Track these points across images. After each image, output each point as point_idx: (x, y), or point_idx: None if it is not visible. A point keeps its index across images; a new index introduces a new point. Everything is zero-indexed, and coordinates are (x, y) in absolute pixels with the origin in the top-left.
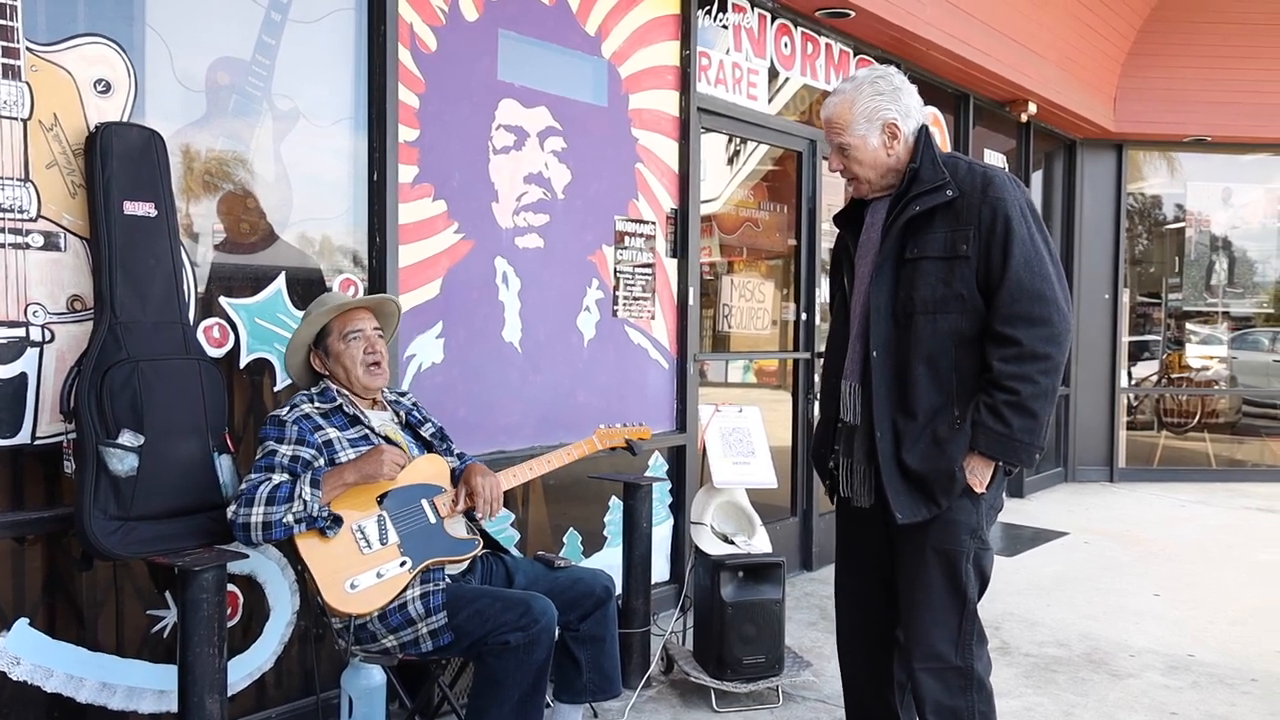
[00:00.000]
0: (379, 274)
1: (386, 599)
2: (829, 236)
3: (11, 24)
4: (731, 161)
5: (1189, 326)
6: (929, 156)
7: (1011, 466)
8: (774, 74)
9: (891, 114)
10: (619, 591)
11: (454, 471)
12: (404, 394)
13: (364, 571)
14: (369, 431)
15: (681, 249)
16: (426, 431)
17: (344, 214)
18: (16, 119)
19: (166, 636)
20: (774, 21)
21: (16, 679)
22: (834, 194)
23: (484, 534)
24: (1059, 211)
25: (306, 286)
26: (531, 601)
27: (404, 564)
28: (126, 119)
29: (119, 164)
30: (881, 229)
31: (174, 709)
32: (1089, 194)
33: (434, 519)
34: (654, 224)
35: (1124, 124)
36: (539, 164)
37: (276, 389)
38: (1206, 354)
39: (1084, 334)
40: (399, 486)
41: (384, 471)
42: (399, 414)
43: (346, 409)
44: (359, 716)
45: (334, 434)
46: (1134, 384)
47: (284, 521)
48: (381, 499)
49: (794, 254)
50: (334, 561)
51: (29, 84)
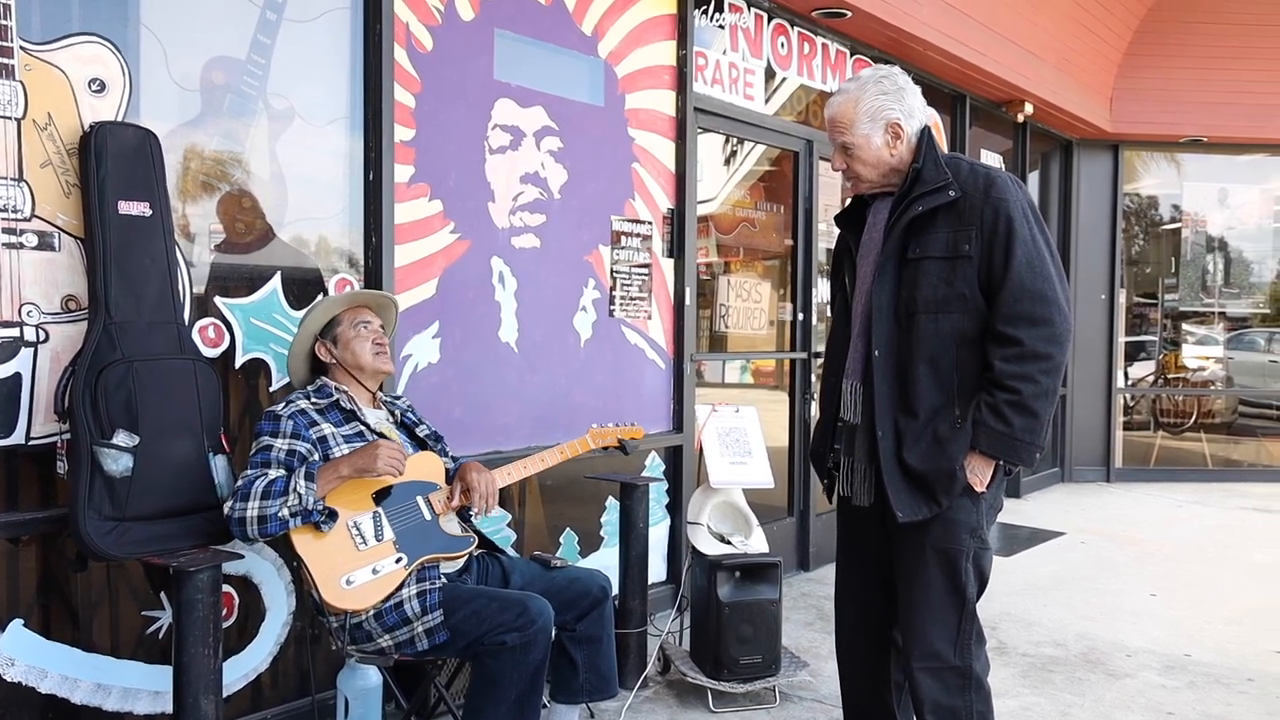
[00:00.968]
0: (375, 274)
1: (382, 595)
2: (826, 237)
3: (5, 23)
4: (728, 162)
5: (1185, 327)
6: (931, 157)
7: (1012, 466)
8: (770, 74)
9: (895, 114)
10: (615, 592)
11: (449, 472)
12: (399, 397)
13: (360, 568)
14: (364, 428)
15: (678, 249)
16: (421, 432)
17: (339, 214)
18: (10, 118)
19: (162, 637)
20: (770, 21)
21: (11, 680)
22: (831, 194)
23: (479, 534)
24: (1055, 212)
25: (302, 286)
26: (528, 602)
27: (400, 560)
28: (121, 118)
29: (114, 163)
30: (884, 229)
31: (169, 710)
32: (1085, 194)
33: (429, 516)
34: (650, 224)
35: (1120, 124)
36: (535, 164)
37: (272, 389)
38: (1203, 354)
39: (1081, 334)
40: (394, 483)
41: (379, 466)
42: (394, 414)
43: (344, 404)
44: (355, 717)
45: (329, 429)
46: (1130, 384)
47: (279, 516)
48: (377, 496)
49: (791, 254)
50: (330, 558)
51: (23, 83)
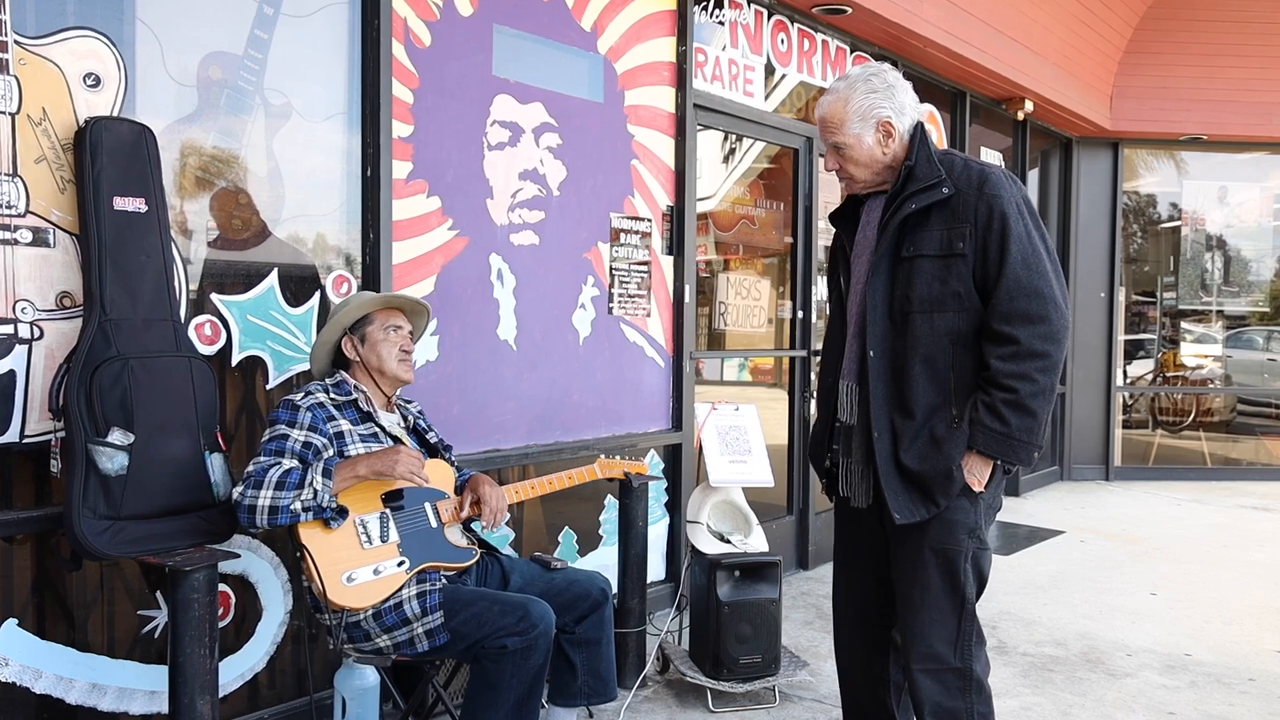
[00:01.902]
0: (373, 271)
1: (381, 596)
2: (826, 234)
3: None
4: (728, 159)
5: (1184, 325)
6: (924, 153)
7: (1010, 465)
8: (770, 71)
9: (886, 112)
10: (614, 591)
11: (457, 482)
12: (410, 402)
13: (362, 566)
14: (379, 430)
15: (677, 246)
16: (432, 439)
17: (337, 210)
18: (4, 113)
19: (158, 637)
20: (770, 18)
21: (5, 680)
22: (830, 192)
23: (482, 542)
24: (1055, 210)
25: (299, 284)
26: (530, 606)
27: (402, 564)
28: (117, 113)
29: (109, 159)
30: (877, 227)
31: (165, 710)
32: (1085, 192)
33: (435, 523)
34: (650, 221)
35: (1120, 122)
36: (534, 160)
37: (269, 387)
38: (1202, 353)
39: (1080, 333)
40: (404, 487)
41: (398, 470)
42: (406, 418)
43: (361, 405)
44: (352, 717)
45: (346, 426)
46: (1129, 383)
47: (291, 508)
48: (387, 498)
49: (790, 252)
50: (334, 553)
51: (17, 77)
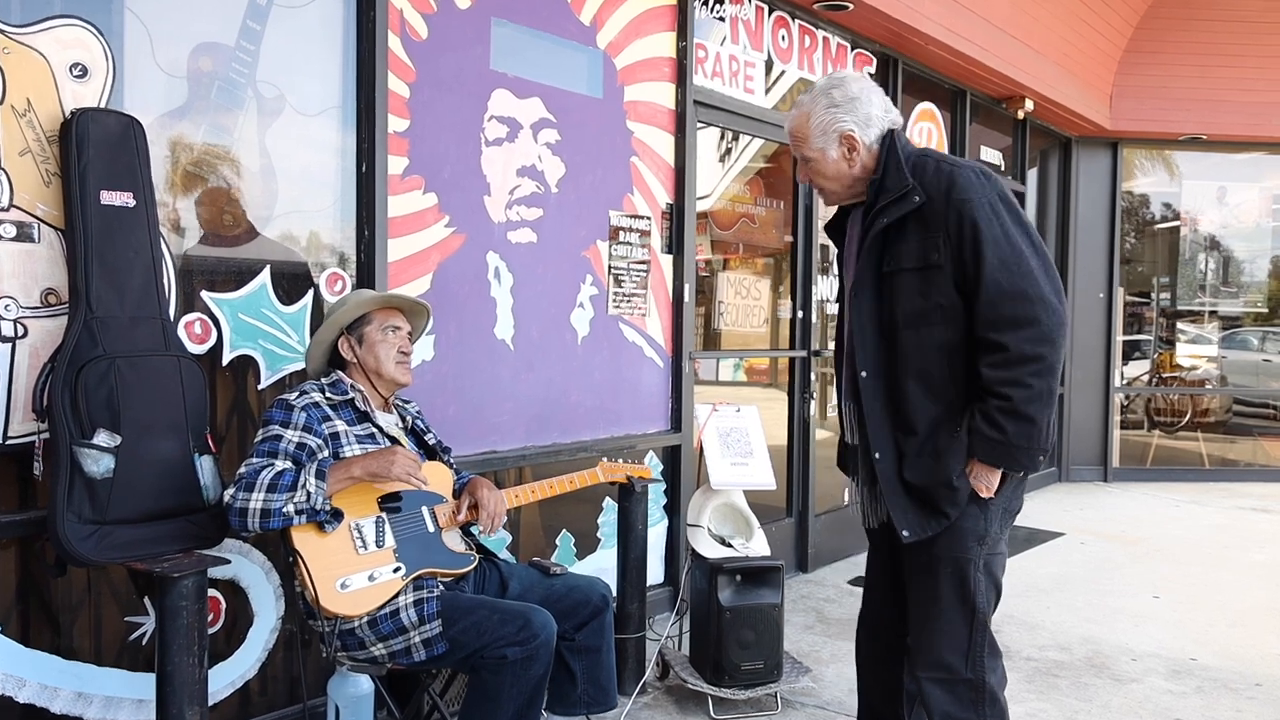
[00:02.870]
0: (368, 268)
1: (376, 603)
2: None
3: None
4: (727, 156)
5: (1179, 326)
6: (893, 162)
7: (1011, 472)
8: (771, 67)
9: (847, 125)
10: (614, 596)
11: (455, 485)
12: (409, 402)
13: (357, 572)
14: (376, 431)
15: (677, 245)
16: (430, 440)
17: (331, 206)
18: None
19: (145, 644)
20: (771, 14)
21: None
22: None
23: (479, 547)
24: (1054, 210)
25: (292, 281)
26: (531, 615)
27: (398, 570)
28: (104, 105)
29: (96, 152)
30: (857, 242)
31: (153, 719)
32: (1084, 192)
33: (433, 528)
34: (649, 219)
35: (1120, 122)
36: (532, 156)
37: (261, 387)
38: (1197, 353)
39: (1078, 333)
40: (401, 490)
41: (394, 472)
42: (405, 419)
43: (358, 404)
44: None
45: (342, 427)
46: (1126, 383)
47: (284, 511)
48: (383, 502)
49: (790, 251)
50: (328, 558)
51: (1, 67)
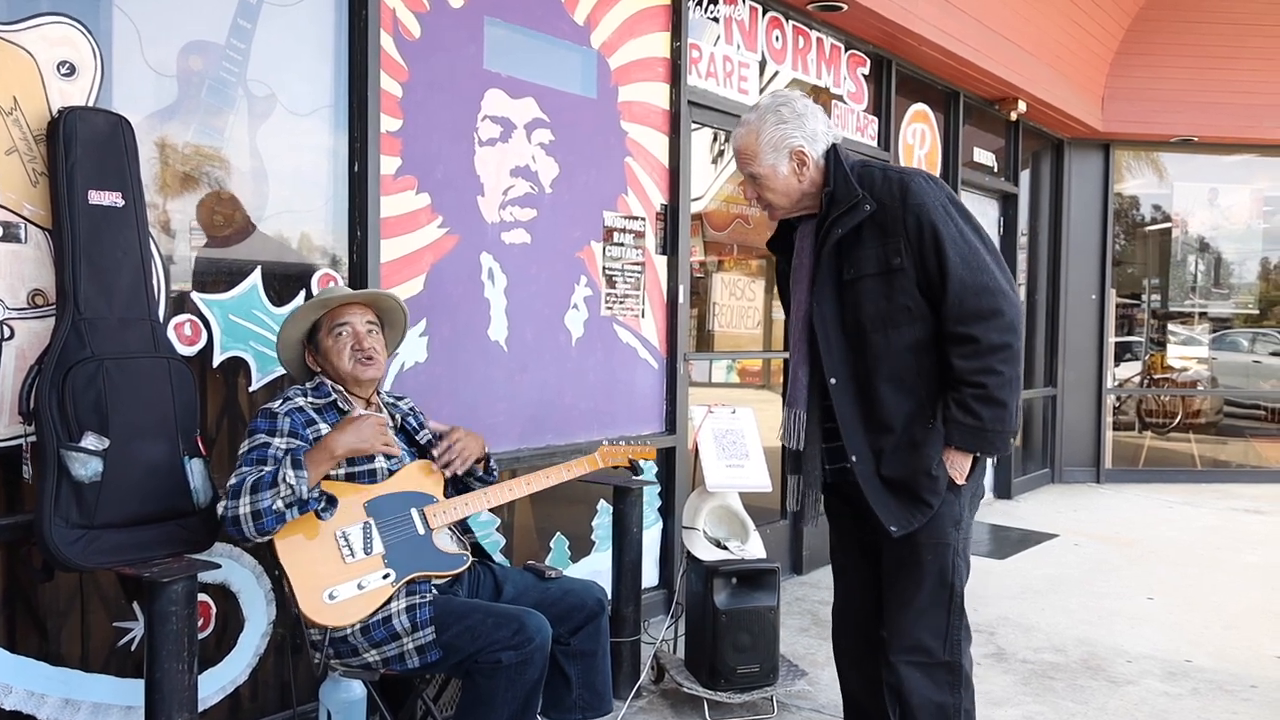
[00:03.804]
0: (360, 269)
1: (366, 612)
2: None
3: None
4: (721, 157)
5: (1170, 327)
6: (841, 174)
7: (986, 456)
8: (764, 68)
9: (798, 141)
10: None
11: (446, 484)
12: (401, 398)
13: (344, 582)
14: None
15: (671, 246)
16: (422, 438)
17: (323, 206)
18: None
19: (134, 649)
20: (765, 14)
21: None
22: None
23: (475, 549)
24: (1046, 211)
25: (284, 282)
26: (526, 619)
27: (387, 576)
28: (92, 104)
29: (84, 151)
30: (811, 254)
31: None
32: (1076, 194)
33: (423, 530)
34: (644, 220)
35: (1111, 124)
36: (526, 157)
37: (252, 389)
38: (1188, 355)
39: (1070, 335)
40: (388, 493)
41: (366, 436)
42: (394, 417)
43: (340, 405)
44: None
45: (326, 429)
46: (1117, 384)
47: (273, 509)
48: (369, 506)
49: None
50: (314, 568)
51: None
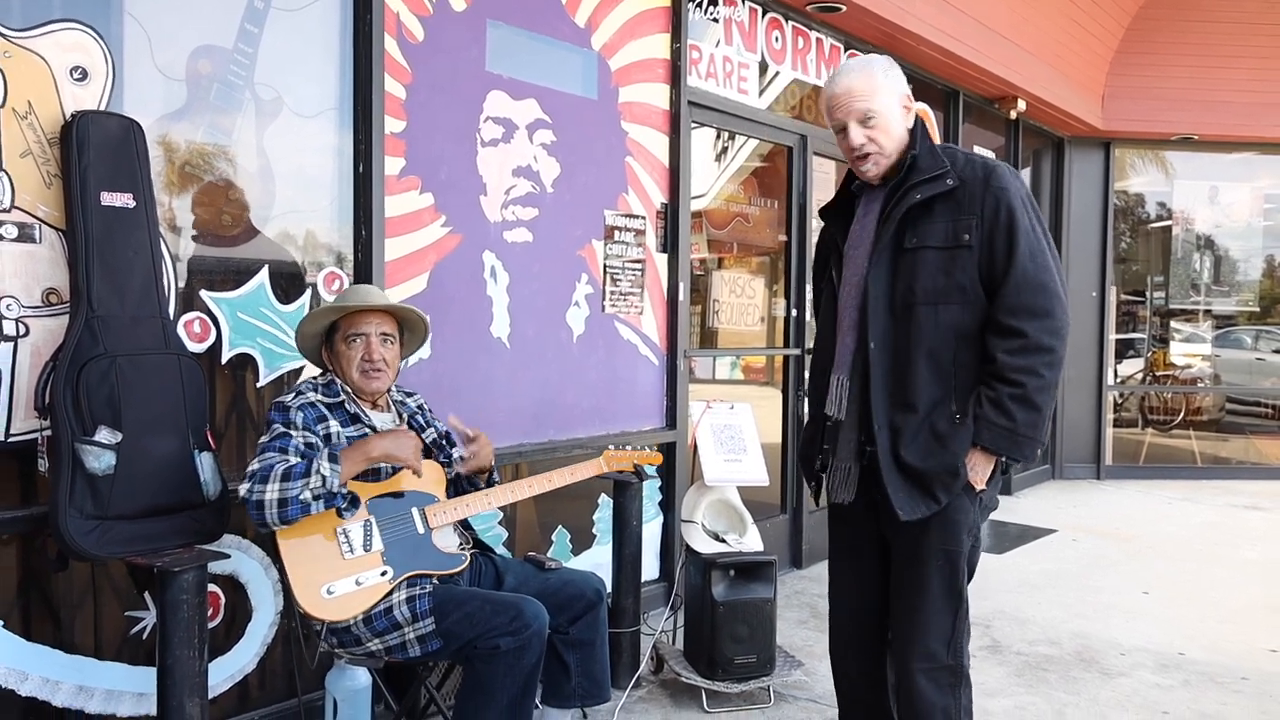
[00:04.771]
0: (365, 267)
1: (364, 608)
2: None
3: None
4: (721, 157)
5: (1173, 325)
6: (926, 145)
7: (1013, 461)
8: (764, 68)
9: (905, 88)
10: (609, 591)
11: (451, 481)
12: (411, 394)
13: (342, 578)
14: (369, 431)
15: (671, 244)
16: (428, 437)
17: (329, 206)
18: None
19: (146, 638)
20: (765, 15)
21: None
22: (825, 190)
23: (476, 542)
24: (1047, 210)
25: (290, 280)
26: (523, 605)
27: (384, 574)
28: (104, 108)
29: (96, 154)
30: (878, 218)
31: (154, 712)
32: (1077, 192)
33: (423, 529)
34: (644, 219)
35: (1112, 122)
36: (528, 157)
37: (259, 385)
38: (1191, 352)
39: (1072, 332)
40: (390, 492)
41: (405, 450)
42: (402, 416)
43: (348, 406)
44: (344, 719)
45: (335, 428)
46: (1119, 381)
47: (301, 498)
48: (371, 505)
49: (784, 250)
50: (313, 564)
51: (2, 70)
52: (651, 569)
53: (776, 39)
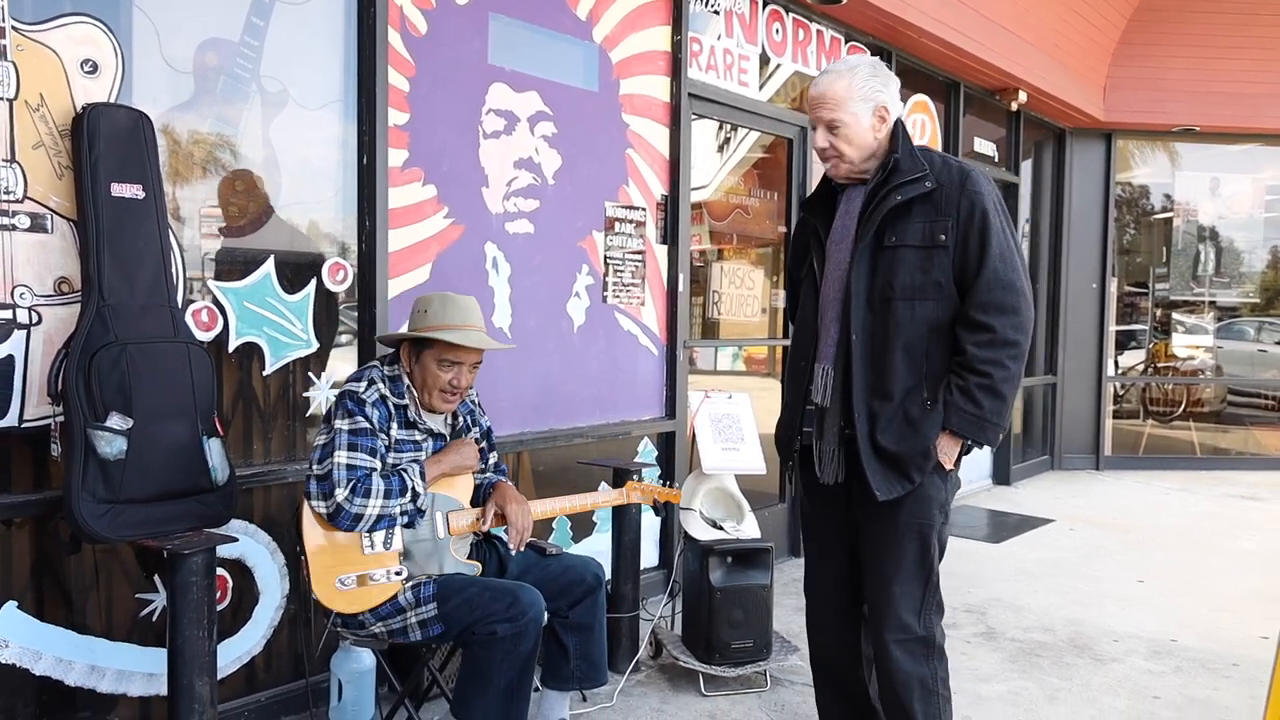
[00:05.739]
0: (369, 258)
1: (373, 604)
2: None
3: None
4: (722, 148)
5: (1175, 316)
6: (907, 148)
7: (978, 445)
8: (765, 60)
9: (884, 99)
10: (608, 577)
11: (477, 489)
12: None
13: (358, 571)
14: (423, 436)
15: (672, 235)
16: (471, 437)
17: (333, 197)
18: (2, 99)
19: (156, 620)
20: (765, 7)
21: (5, 662)
22: None
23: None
24: (1048, 200)
25: (295, 270)
26: (520, 592)
27: (399, 574)
28: (114, 100)
29: (106, 145)
30: (858, 216)
31: (163, 692)
32: (1078, 183)
33: (443, 534)
34: (644, 210)
35: (1113, 113)
36: (529, 149)
37: (266, 373)
38: (1193, 343)
39: (1071, 323)
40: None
41: (469, 461)
42: (457, 416)
43: (410, 414)
44: (348, 700)
45: (395, 434)
46: (1120, 373)
47: (393, 515)
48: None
49: (784, 241)
50: (333, 555)
51: (14, 64)
52: (651, 556)
53: (777, 31)
